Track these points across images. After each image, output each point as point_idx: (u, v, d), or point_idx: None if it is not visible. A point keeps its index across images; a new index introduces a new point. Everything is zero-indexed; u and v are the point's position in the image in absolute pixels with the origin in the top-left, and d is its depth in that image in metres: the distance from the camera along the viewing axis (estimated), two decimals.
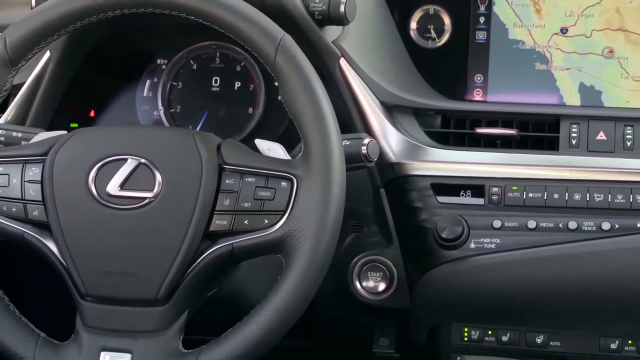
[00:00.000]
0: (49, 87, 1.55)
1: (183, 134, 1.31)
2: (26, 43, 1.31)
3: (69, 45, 1.54)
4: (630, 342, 1.54)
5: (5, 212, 1.30)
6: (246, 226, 1.25)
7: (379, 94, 1.51)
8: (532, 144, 1.53)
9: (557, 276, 1.47)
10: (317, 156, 1.24)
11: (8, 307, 1.31)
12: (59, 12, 1.30)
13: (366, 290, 1.54)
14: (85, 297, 1.28)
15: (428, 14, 1.62)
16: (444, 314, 1.57)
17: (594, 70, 1.58)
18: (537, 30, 1.60)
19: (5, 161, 1.32)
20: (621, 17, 1.57)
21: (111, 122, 1.64)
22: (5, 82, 1.32)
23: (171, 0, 1.27)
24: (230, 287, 1.37)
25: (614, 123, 1.50)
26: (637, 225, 1.45)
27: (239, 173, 1.26)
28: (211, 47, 1.62)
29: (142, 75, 1.65)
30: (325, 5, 1.43)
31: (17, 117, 1.56)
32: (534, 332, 1.55)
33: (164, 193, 1.26)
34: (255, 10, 1.27)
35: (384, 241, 1.53)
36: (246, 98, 1.61)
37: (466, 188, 1.50)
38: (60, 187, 1.28)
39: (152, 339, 1.26)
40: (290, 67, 1.25)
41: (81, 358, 1.27)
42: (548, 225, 1.46)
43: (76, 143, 1.31)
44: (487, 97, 1.61)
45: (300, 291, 1.22)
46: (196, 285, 1.27)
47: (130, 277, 1.25)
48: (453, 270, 1.48)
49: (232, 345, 1.23)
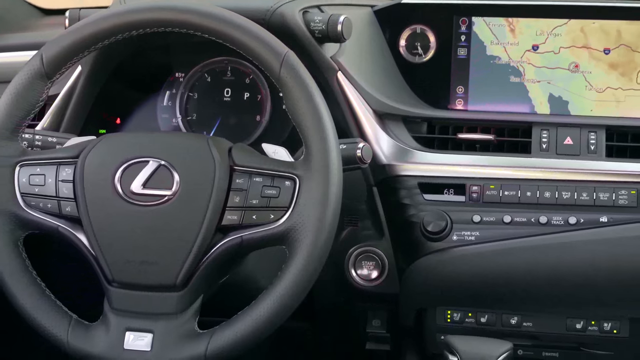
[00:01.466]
0: (80, 97, 1.55)
1: (198, 139, 1.32)
2: (60, 58, 1.31)
3: (98, 61, 1.54)
4: (594, 322, 1.54)
5: (42, 208, 1.30)
6: (254, 221, 1.25)
7: (372, 103, 1.51)
8: (508, 148, 1.53)
9: (529, 265, 1.47)
10: (317, 158, 1.24)
11: (44, 292, 1.31)
12: (90, 32, 1.30)
13: (361, 278, 1.54)
14: (112, 283, 1.28)
15: (415, 33, 1.62)
16: (429, 299, 1.57)
17: (561, 82, 1.58)
18: (512, 48, 1.59)
19: (41, 163, 1.32)
20: (585, 36, 1.57)
21: (135, 128, 1.64)
22: (41, 93, 1.32)
23: (188, 21, 1.27)
24: (239, 274, 1.37)
25: (580, 129, 1.50)
26: (599, 220, 1.45)
27: (247, 173, 1.27)
28: (223, 62, 1.62)
29: (162, 87, 1.65)
30: (324, 24, 1.44)
31: (52, 124, 1.56)
32: (509, 314, 1.55)
33: (181, 191, 1.26)
34: (262, 29, 1.27)
35: (376, 234, 1.53)
36: (254, 107, 1.61)
37: (449, 187, 1.50)
38: (90, 186, 1.28)
39: (171, 321, 1.26)
40: (293, 80, 1.25)
41: (108, 337, 1.27)
42: (522, 219, 1.47)
43: (104, 147, 1.31)
44: (468, 107, 1.61)
45: (302, 279, 1.23)
46: (210, 273, 1.27)
47: (151, 266, 1.26)
48: (438, 260, 1.49)
49: (241, 327, 1.24)
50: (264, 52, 1.26)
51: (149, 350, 1.25)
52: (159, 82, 1.65)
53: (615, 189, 1.46)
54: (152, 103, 1.65)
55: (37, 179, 1.31)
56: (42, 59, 1.31)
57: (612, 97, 1.57)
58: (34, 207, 1.31)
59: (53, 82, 1.33)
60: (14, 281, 1.30)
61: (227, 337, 1.24)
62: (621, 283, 1.47)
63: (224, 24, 1.27)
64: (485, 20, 1.60)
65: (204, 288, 1.29)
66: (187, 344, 1.25)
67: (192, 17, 1.27)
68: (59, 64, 1.32)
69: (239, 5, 1.38)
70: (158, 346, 1.25)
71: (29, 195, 1.31)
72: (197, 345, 1.25)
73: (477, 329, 1.56)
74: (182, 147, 1.29)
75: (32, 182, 1.31)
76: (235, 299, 1.30)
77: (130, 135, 1.41)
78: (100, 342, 1.27)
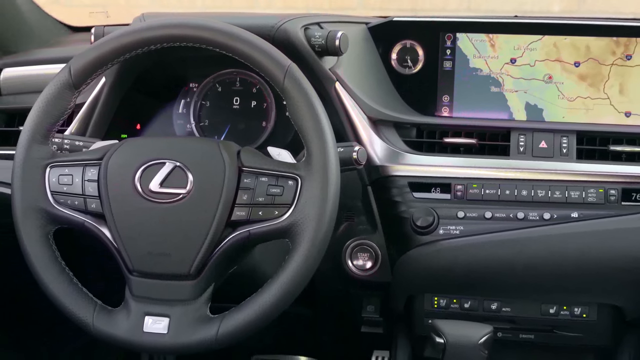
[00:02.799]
0: (104, 105, 1.55)
1: (210, 143, 1.31)
2: (86, 70, 1.31)
3: (120, 73, 1.54)
4: (565, 307, 1.54)
5: (70, 205, 1.30)
6: (260, 216, 1.25)
7: (366, 110, 1.50)
8: (488, 151, 1.52)
9: (508, 256, 1.47)
10: (317, 160, 1.24)
11: (72, 280, 1.31)
12: (113, 47, 1.30)
13: (356, 268, 1.53)
14: (133, 273, 1.28)
15: (405, 47, 1.61)
16: (418, 287, 1.56)
17: (537, 92, 1.58)
18: (492, 61, 1.59)
19: (69, 164, 1.32)
20: (558, 50, 1.57)
21: (153, 133, 1.63)
22: (69, 102, 1.32)
23: (201, 37, 1.27)
24: (247, 265, 1.37)
25: (553, 134, 1.50)
26: (571, 215, 1.45)
27: (254, 174, 1.26)
28: (233, 74, 1.62)
29: (177, 96, 1.64)
30: (323, 40, 1.43)
31: (79, 129, 1.56)
32: (489, 301, 1.55)
33: (194, 190, 1.26)
34: (267, 44, 1.27)
35: (370, 228, 1.53)
36: (260, 114, 1.61)
37: (436, 186, 1.49)
38: (113, 185, 1.28)
39: (185, 306, 1.26)
40: (295, 89, 1.25)
41: (129, 321, 1.27)
42: (501, 215, 1.46)
43: (125, 150, 1.31)
44: (453, 114, 1.60)
45: (304, 268, 1.22)
46: (220, 264, 1.27)
47: (168, 257, 1.26)
48: (426, 251, 1.48)
49: (249, 312, 1.24)
50: (270, 65, 1.26)
51: (166, 333, 1.25)
52: (175, 92, 1.65)
53: (585, 187, 1.46)
54: (168, 110, 1.65)
55: (65, 179, 1.31)
56: (70, 71, 1.31)
57: (582, 105, 1.57)
58: (62, 204, 1.31)
59: (80, 91, 1.33)
60: (45, 271, 1.29)
61: (236, 321, 1.24)
62: (590, 272, 1.47)
63: (234, 39, 1.27)
64: (468, 36, 1.59)
65: (215, 277, 1.28)
66: (200, 327, 1.25)
67: (204, 33, 1.27)
68: (85, 75, 1.32)
69: (247, 22, 1.37)
70: (174, 329, 1.25)
71: (58, 194, 1.31)
72: (209, 329, 1.25)
73: (461, 314, 1.56)
74: (196, 150, 1.29)
75: (61, 181, 1.31)
76: (243, 286, 1.30)
77: (149, 140, 1.41)
78: (122, 325, 1.27)
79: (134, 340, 1.27)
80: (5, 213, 1.34)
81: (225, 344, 1.25)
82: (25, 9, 1.82)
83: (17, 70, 1.76)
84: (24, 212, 1.30)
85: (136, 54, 1.31)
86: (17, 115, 1.67)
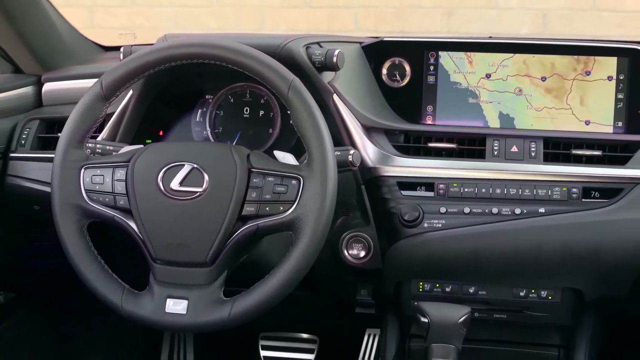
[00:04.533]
0: (131, 114, 1.54)
1: (223, 147, 1.30)
2: (116, 84, 1.31)
3: (145, 86, 1.53)
4: (534, 291, 1.53)
5: (101, 201, 1.29)
6: (267, 212, 1.24)
7: (360, 119, 1.49)
8: (467, 154, 1.51)
9: (484, 246, 1.46)
10: (317, 162, 1.23)
11: (103, 267, 1.30)
12: (139, 63, 1.30)
13: (351, 257, 1.52)
14: (156, 261, 1.27)
15: (394, 64, 1.61)
16: (406, 273, 1.55)
17: (509, 103, 1.57)
18: (470, 75, 1.58)
19: (101, 166, 1.31)
20: (527, 67, 1.56)
21: (174, 139, 1.62)
22: (101, 112, 1.32)
23: (216, 55, 1.27)
24: (256, 254, 1.36)
25: (523, 140, 1.49)
26: (539, 210, 1.44)
27: (262, 174, 1.26)
28: (243, 87, 1.61)
29: (195, 106, 1.63)
30: (322, 57, 1.42)
31: (109, 135, 1.54)
32: (467, 285, 1.54)
33: (210, 188, 1.25)
34: (273, 61, 1.27)
35: (364, 222, 1.52)
36: (267, 122, 1.60)
37: (421, 185, 1.48)
38: (139, 184, 1.28)
39: (202, 290, 1.26)
40: (298, 100, 1.24)
41: (153, 303, 1.26)
42: (478, 210, 1.45)
43: (150, 153, 1.30)
44: (436, 122, 1.59)
45: (305, 257, 1.22)
46: (232, 253, 1.26)
47: (186, 247, 1.25)
48: (412, 242, 1.47)
49: (258, 295, 1.23)
50: (275, 79, 1.25)
51: (185, 313, 1.25)
52: (193, 103, 1.64)
53: (551, 186, 1.45)
54: (187, 119, 1.64)
55: (97, 179, 1.30)
56: (102, 85, 1.31)
57: (547, 114, 1.56)
58: (95, 201, 1.30)
59: (110, 102, 1.33)
60: (80, 259, 1.29)
61: (246, 303, 1.24)
62: (555, 260, 1.46)
63: (244, 56, 1.26)
64: (449, 54, 1.58)
65: (228, 264, 1.27)
66: (215, 308, 1.24)
67: (218, 51, 1.27)
68: (115, 88, 1.31)
69: (255, 42, 1.37)
70: (192, 310, 1.24)
71: (91, 192, 1.30)
72: (222, 310, 1.24)
73: (443, 297, 1.55)
74: (211, 154, 1.29)
75: (94, 181, 1.30)
76: (252, 273, 1.30)
77: (170, 144, 1.41)
78: (147, 306, 1.27)
79: (157, 320, 1.26)
80: (46, 208, 1.34)
81: (237, 323, 1.24)
82: (64, 31, 1.83)
83: (57, 84, 1.77)
84: (61, 208, 1.30)
85: (159, 70, 1.31)
86: (56, 123, 1.67)
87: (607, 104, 1.54)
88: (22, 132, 1.65)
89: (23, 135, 1.65)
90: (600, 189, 1.44)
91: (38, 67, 1.78)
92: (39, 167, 1.61)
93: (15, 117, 1.69)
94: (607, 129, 1.54)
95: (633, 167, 1.44)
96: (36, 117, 1.67)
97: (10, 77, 1.77)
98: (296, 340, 2.06)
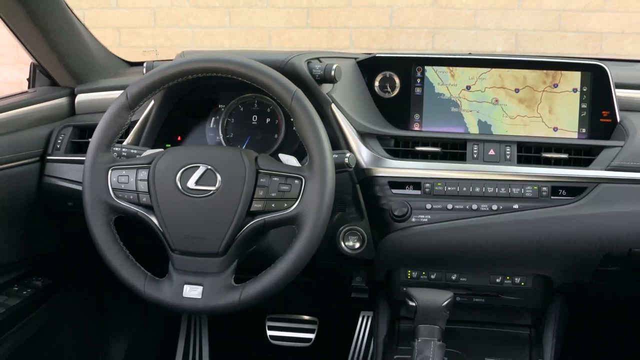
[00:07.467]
0: (153, 122, 1.53)
1: (234, 151, 1.29)
2: (139, 95, 1.30)
3: (165, 96, 1.52)
4: (508, 278, 1.51)
5: (126, 198, 1.29)
6: (273, 208, 1.23)
7: (356, 125, 1.48)
8: (450, 157, 1.50)
9: (464, 238, 1.44)
10: (317, 164, 1.23)
11: (128, 256, 1.29)
12: (160, 77, 1.29)
13: (347, 248, 1.50)
14: (174, 251, 1.26)
15: (386, 76, 1.59)
16: (395, 262, 1.54)
17: (486, 112, 1.56)
18: (452, 87, 1.57)
19: (126, 167, 1.30)
20: (502, 80, 1.55)
21: (190, 143, 1.61)
22: (126, 119, 1.31)
23: (228, 69, 1.27)
24: (263, 245, 1.35)
25: (499, 144, 1.48)
26: (513, 207, 1.42)
27: (268, 175, 1.25)
28: (252, 97, 1.59)
29: (209, 114, 1.62)
30: (322, 71, 1.41)
31: (134, 140, 1.54)
32: (450, 273, 1.52)
33: (222, 187, 1.24)
34: (278, 74, 1.27)
35: (358, 217, 1.50)
36: (273, 128, 1.58)
37: (409, 184, 1.46)
38: (159, 183, 1.27)
39: (215, 277, 1.25)
40: (300, 109, 1.24)
41: (172, 289, 1.26)
42: (460, 207, 1.44)
43: (169, 156, 1.29)
44: (422, 128, 1.58)
45: (307, 248, 1.21)
46: (242, 245, 1.25)
47: (201, 239, 1.24)
48: (401, 235, 1.46)
49: (265, 281, 1.23)
50: (280, 90, 1.25)
51: (200, 298, 1.24)
52: (207, 111, 1.62)
53: (524, 185, 1.43)
54: (202, 125, 1.62)
55: (123, 179, 1.29)
56: (127, 96, 1.30)
57: (520, 122, 1.55)
58: (120, 198, 1.29)
59: (134, 111, 1.32)
60: (108, 250, 1.28)
61: (254, 288, 1.23)
62: (527, 250, 1.45)
63: (253, 70, 1.26)
64: (434, 69, 1.57)
65: (238, 254, 1.27)
66: (226, 293, 1.24)
67: (230, 66, 1.27)
68: (139, 99, 1.31)
69: (263, 57, 1.36)
70: (206, 295, 1.24)
71: (117, 190, 1.29)
72: (233, 295, 1.23)
73: (428, 283, 1.53)
74: (223, 156, 1.28)
75: (120, 180, 1.29)
76: (260, 262, 1.29)
77: (187, 148, 1.40)
78: (166, 292, 1.26)
79: (175, 304, 1.25)
80: (78, 204, 1.34)
81: (246, 307, 1.24)
82: (95, 49, 1.84)
83: (88, 95, 1.77)
84: (91, 204, 1.29)
85: (178, 82, 1.30)
86: (87, 129, 1.67)
87: (573, 113, 1.53)
88: (58, 138, 1.65)
89: (58, 141, 1.65)
90: (567, 188, 1.43)
91: (72, 81, 1.78)
92: (72, 168, 1.60)
93: (51, 124, 1.69)
94: (573, 134, 1.53)
95: (595, 169, 1.43)
96: (70, 125, 1.68)
97: (48, 89, 1.78)
98: (298, 321, 2.05)
